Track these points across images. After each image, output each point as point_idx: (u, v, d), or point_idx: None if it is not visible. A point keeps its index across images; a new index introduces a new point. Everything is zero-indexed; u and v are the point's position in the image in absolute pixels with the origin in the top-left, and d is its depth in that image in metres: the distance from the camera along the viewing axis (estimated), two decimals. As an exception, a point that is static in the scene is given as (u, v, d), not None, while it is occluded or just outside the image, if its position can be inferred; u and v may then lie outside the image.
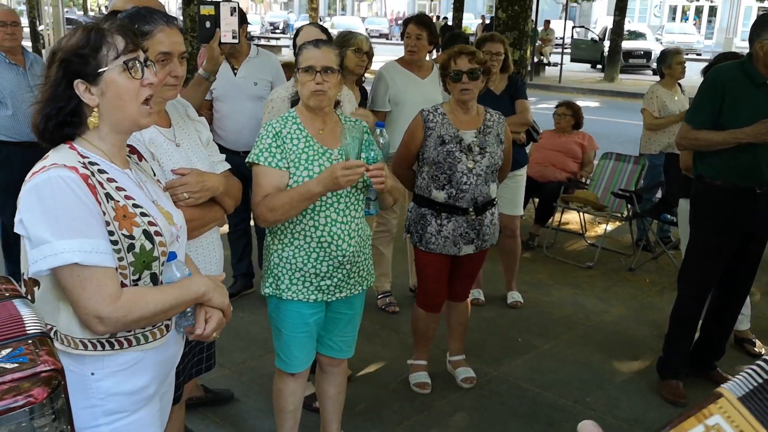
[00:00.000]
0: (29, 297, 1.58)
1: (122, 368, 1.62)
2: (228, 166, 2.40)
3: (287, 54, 15.96)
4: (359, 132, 2.55)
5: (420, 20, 4.32)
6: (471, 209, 3.26)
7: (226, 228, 4.83)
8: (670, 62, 5.63)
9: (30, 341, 0.75)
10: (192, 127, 2.29)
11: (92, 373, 1.58)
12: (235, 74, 4.18)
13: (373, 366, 3.81)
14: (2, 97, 4.16)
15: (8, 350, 0.72)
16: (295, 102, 2.76)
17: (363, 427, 3.25)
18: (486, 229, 3.34)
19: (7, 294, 1.41)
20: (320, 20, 31.15)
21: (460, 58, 3.23)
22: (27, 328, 0.78)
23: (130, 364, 1.63)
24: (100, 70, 1.55)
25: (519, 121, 4.31)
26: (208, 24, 2.61)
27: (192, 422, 3.13)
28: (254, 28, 33.20)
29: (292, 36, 3.69)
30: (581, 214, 6.01)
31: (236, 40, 2.71)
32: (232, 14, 2.64)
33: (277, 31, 37.68)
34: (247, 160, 2.54)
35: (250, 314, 4.28)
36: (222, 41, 2.66)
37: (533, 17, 19.75)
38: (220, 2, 2.61)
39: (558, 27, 23.80)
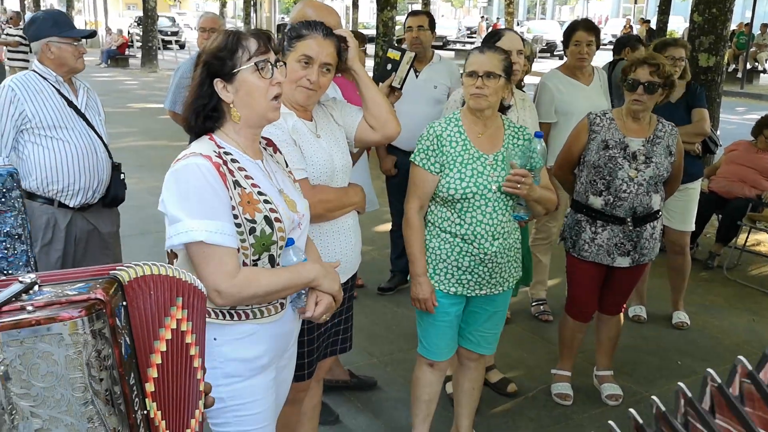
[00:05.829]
0: None
1: (240, 337, 1.82)
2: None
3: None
4: (520, 139, 2.62)
5: (589, 26, 4.16)
6: (629, 219, 3.15)
7: (389, 226, 5.05)
8: None
9: (101, 280, 0.93)
10: (335, 125, 2.43)
11: (214, 339, 1.79)
12: (417, 76, 4.39)
13: (517, 371, 3.79)
14: None
15: (82, 284, 0.91)
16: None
17: (496, 429, 3.27)
18: (645, 242, 3.19)
19: None
20: (517, 24, 30.84)
21: (642, 67, 3.06)
22: (109, 273, 0.96)
23: (246, 334, 1.82)
24: (234, 71, 1.75)
25: (694, 131, 4.06)
26: (389, 66, 2.81)
27: (335, 403, 3.35)
28: (451, 32, 33.56)
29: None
30: (772, 235, 5.48)
31: (400, 86, 2.85)
32: (408, 63, 2.83)
33: (474, 35, 37.90)
34: (411, 158, 2.68)
35: (405, 309, 4.43)
36: (392, 84, 2.81)
37: (750, 20, 18.23)
38: (406, 51, 2.81)
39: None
